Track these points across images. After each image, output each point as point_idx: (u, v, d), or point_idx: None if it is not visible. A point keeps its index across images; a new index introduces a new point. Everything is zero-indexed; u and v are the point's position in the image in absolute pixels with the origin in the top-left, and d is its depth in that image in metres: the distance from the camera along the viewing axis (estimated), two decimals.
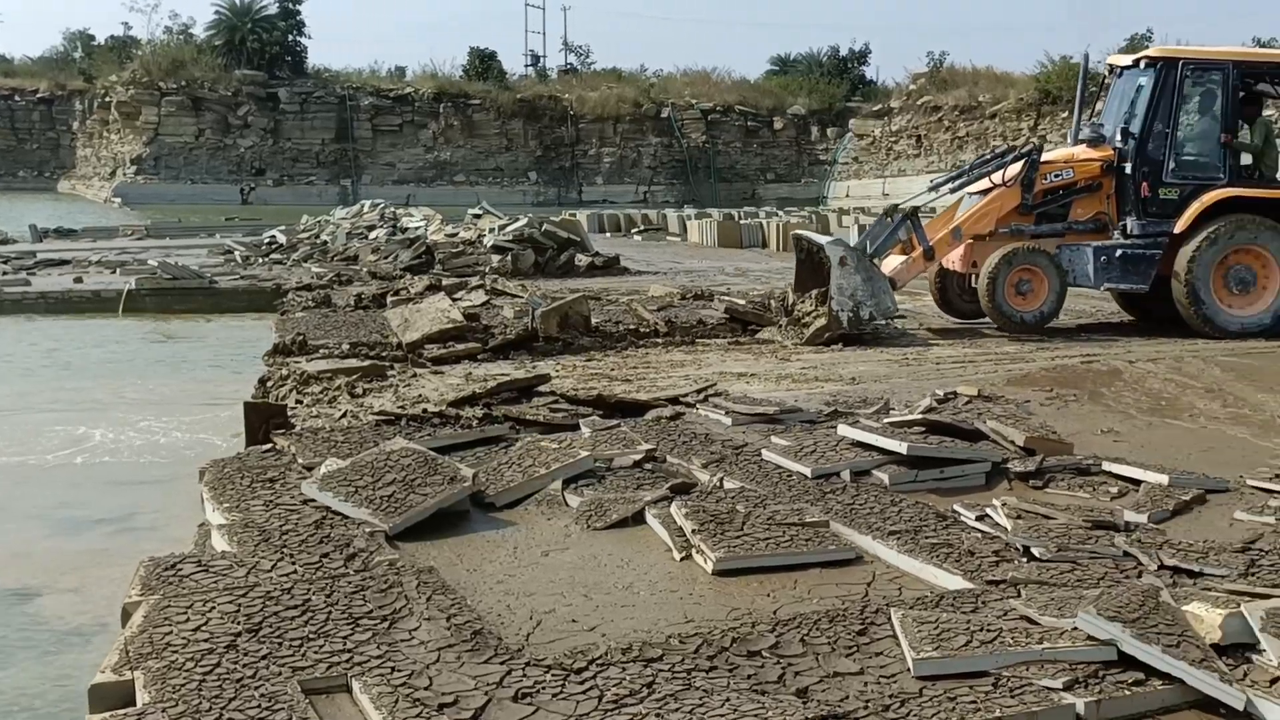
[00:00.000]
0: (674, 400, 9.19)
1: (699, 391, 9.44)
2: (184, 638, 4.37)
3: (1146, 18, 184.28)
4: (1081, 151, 13.72)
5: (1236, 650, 4.20)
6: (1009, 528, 5.84)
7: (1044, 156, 13.71)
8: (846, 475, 6.89)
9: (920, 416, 7.82)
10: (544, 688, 4.06)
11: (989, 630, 4.40)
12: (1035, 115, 46.50)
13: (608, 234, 33.76)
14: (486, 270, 19.87)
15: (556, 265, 21.23)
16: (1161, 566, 5.27)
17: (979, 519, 6.09)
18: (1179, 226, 13.05)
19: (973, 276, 13.43)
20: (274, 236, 27.31)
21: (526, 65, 72.40)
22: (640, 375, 10.76)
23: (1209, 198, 13.01)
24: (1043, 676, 4.10)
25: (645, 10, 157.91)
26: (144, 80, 58.77)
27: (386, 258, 21.80)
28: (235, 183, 57.67)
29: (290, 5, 62.98)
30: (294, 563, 5.28)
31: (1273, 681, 4.00)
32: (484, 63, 65.85)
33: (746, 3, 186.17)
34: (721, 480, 6.82)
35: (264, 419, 8.04)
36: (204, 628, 4.46)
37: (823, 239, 13.67)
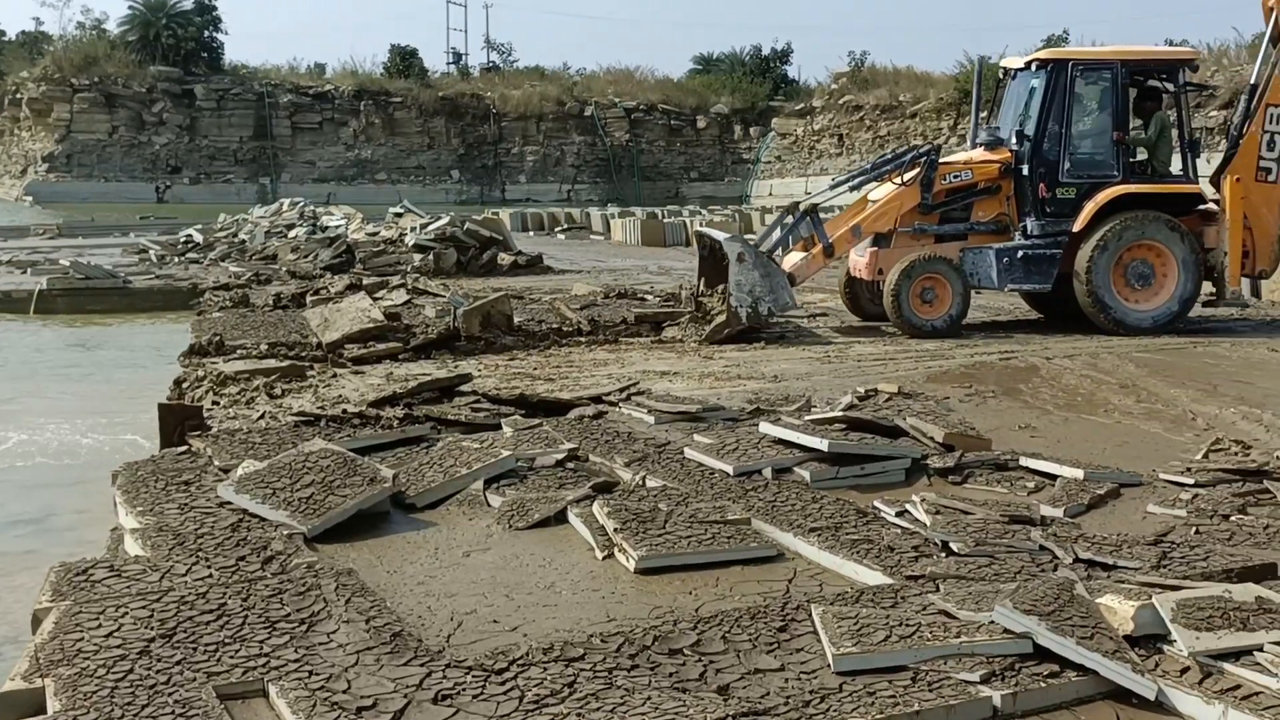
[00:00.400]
0: (597, 399, 9.19)
1: (622, 390, 9.44)
2: (96, 644, 4.30)
3: (1064, 18, 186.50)
4: (980, 154, 13.89)
5: (1149, 641, 4.27)
6: (928, 523, 5.90)
7: (944, 159, 13.87)
8: (768, 473, 6.91)
9: (841, 414, 7.87)
10: (464, 689, 4.04)
11: (908, 625, 4.44)
12: (955, 115, 46.93)
13: (531, 233, 33.69)
14: (408, 269, 19.77)
15: (479, 264, 21.16)
16: (1076, 560, 5.35)
17: (899, 515, 6.15)
18: (1077, 225, 13.25)
19: (880, 283, 13.55)
20: (190, 235, 26.99)
21: (448, 63, 71.98)
22: (563, 374, 10.74)
23: (1103, 196, 13.20)
24: (960, 670, 4.15)
25: (568, 9, 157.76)
26: (56, 76, 57.69)
27: (306, 257, 21.62)
28: (150, 181, 56.79)
29: (206, 0, 62.15)
30: (209, 566, 5.22)
31: (1183, 671, 4.07)
32: (405, 60, 65.34)
33: (669, 2, 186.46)
34: (644, 479, 6.81)
35: (179, 421, 7.94)
36: (116, 634, 4.40)
37: (721, 235, 13.76)
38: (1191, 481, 6.81)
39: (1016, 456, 7.33)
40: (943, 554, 5.53)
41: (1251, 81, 13.66)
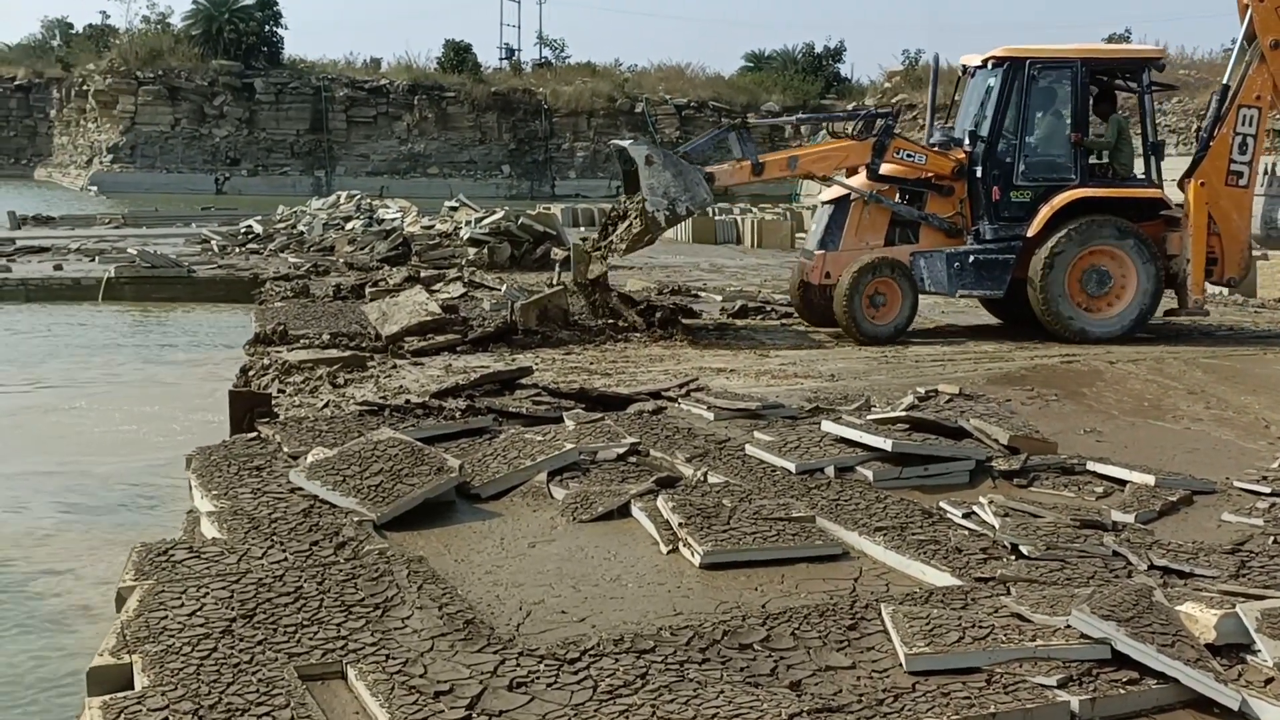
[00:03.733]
0: (655, 395, 9.19)
1: (680, 386, 9.44)
2: (180, 622, 4.36)
3: (1128, 17, 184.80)
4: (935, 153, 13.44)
5: (1231, 651, 4.22)
6: (996, 525, 5.84)
7: (903, 135, 13.50)
8: (830, 471, 6.89)
9: (903, 414, 7.83)
10: (538, 677, 4.07)
11: (981, 627, 4.41)
12: None
13: (581, 228, 33.61)
14: (463, 262, 19.83)
15: (532, 259, 21.17)
16: (1152, 566, 5.28)
17: (965, 516, 6.09)
18: (1031, 230, 12.80)
19: (829, 287, 13.07)
20: (250, 226, 27.18)
21: (501, 58, 72.33)
22: (620, 369, 10.75)
23: (1060, 200, 12.74)
24: (1036, 674, 4.11)
25: (620, 5, 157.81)
26: (121, 69, 58.55)
27: (363, 249, 21.75)
28: (210, 172, 57.45)
29: None
30: (284, 550, 5.27)
31: (1267, 682, 4.01)
32: (459, 55, 65.55)
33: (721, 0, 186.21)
34: (706, 475, 6.81)
35: (248, 407, 8.02)
36: (199, 613, 4.46)
37: (627, 141, 13.36)
38: (1268, 490, 6.69)
39: (1083, 461, 7.25)
40: (1012, 557, 5.48)
41: (1224, 82, 13.16)
